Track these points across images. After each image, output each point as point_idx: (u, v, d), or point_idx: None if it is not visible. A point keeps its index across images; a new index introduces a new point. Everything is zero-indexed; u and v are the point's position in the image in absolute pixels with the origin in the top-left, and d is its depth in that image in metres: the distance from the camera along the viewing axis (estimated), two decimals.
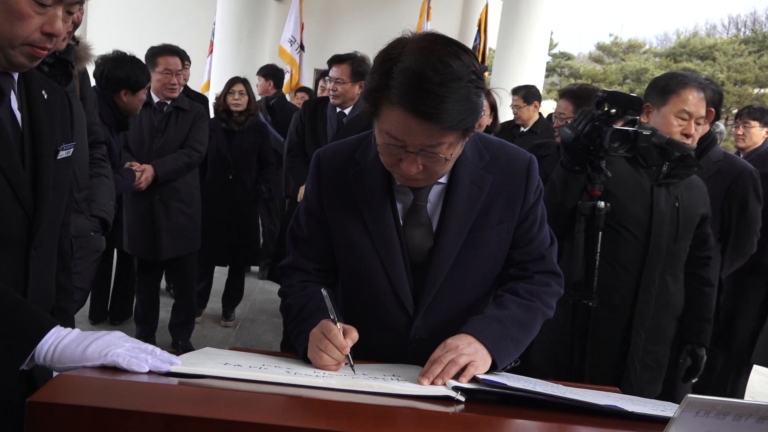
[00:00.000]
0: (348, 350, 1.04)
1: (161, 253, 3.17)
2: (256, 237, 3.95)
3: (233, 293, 4.05)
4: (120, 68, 2.68)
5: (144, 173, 2.97)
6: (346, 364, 1.05)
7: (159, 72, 3.12)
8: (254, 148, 3.76)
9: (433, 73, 0.96)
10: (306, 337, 1.10)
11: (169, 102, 3.19)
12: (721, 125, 5.29)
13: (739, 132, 4.01)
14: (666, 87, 1.89)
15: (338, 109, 3.07)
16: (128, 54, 2.79)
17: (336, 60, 3.04)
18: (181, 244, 3.23)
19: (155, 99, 3.18)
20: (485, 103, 3.16)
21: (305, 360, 1.09)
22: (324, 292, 1.10)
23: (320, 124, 3.11)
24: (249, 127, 3.70)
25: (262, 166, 3.86)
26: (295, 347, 1.16)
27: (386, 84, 0.99)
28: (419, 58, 0.97)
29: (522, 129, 4.55)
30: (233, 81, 3.73)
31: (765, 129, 3.82)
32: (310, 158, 3.06)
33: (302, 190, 2.80)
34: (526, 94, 4.45)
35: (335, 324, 1.06)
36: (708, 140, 2.34)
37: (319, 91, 3.85)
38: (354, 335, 1.06)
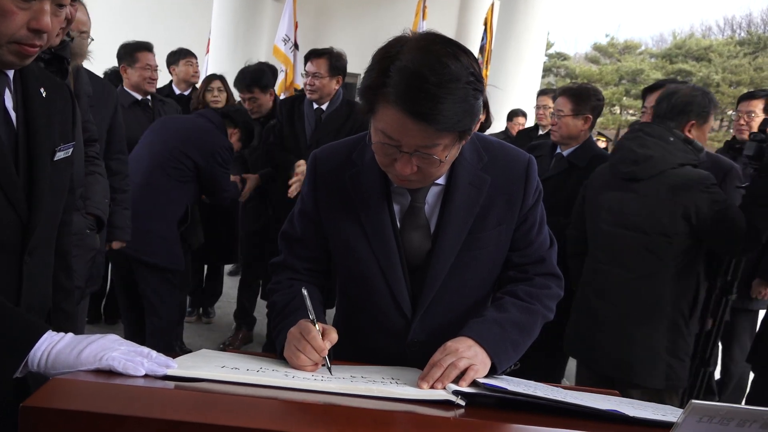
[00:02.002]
0: (326, 352, 1.02)
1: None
2: (233, 235, 3.90)
3: (213, 290, 4.05)
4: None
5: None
6: (323, 365, 1.03)
7: (140, 67, 3.29)
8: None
9: (430, 73, 0.94)
10: (285, 336, 1.08)
11: (149, 96, 3.38)
12: None
13: (742, 122, 3.22)
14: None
15: (315, 105, 3.04)
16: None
17: (313, 54, 3.01)
18: None
19: (138, 97, 3.35)
20: None
21: (282, 358, 1.07)
22: (304, 291, 1.06)
23: (297, 122, 3.06)
24: None
25: None
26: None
27: (383, 82, 0.97)
28: (417, 57, 0.96)
29: (540, 131, 4.49)
30: (211, 78, 3.74)
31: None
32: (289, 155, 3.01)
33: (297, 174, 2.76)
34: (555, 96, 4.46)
35: (314, 324, 1.04)
36: None
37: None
38: (333, 336, 1.04)
